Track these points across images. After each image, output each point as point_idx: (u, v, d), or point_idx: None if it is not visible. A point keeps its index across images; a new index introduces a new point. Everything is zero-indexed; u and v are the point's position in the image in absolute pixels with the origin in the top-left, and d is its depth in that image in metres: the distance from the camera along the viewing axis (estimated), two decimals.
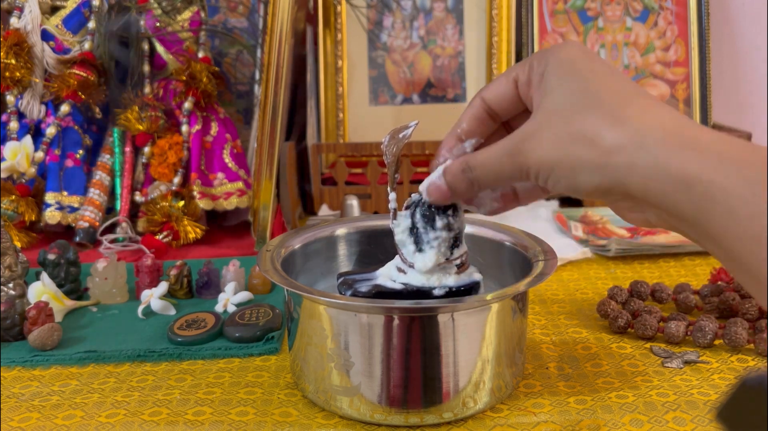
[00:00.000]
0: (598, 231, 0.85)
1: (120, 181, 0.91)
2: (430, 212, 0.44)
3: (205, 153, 0.91)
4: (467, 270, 0.47)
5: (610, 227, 0.86)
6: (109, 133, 0.93)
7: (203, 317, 0.61)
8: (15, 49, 0.87)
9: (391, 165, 0.47)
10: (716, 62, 1.12)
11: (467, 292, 0.46)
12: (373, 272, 0.48)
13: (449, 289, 0.45)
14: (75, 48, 0.91)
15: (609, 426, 0.45)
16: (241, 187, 0.90)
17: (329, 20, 1.06)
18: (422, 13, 1.07)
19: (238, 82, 1.03)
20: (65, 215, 0.87)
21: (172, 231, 0.85)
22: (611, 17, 1.06)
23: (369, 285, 0.46)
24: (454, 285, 0.45)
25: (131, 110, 0.89)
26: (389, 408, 0.45)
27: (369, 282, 0.46)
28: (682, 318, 0.58)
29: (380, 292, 0.46)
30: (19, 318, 0.59)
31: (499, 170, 0.40)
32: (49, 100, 0.91)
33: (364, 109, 1.07)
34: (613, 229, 0.86)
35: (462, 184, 0.42)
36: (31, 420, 0.48)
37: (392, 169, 0.47)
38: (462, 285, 0.45)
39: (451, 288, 0.45)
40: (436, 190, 0.43)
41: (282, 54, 0.79)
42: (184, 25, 0.93)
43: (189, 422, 0.47)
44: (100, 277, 0.67)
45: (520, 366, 0.49)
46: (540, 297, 0.68)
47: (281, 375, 0.53)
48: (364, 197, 0.96)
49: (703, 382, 0.50)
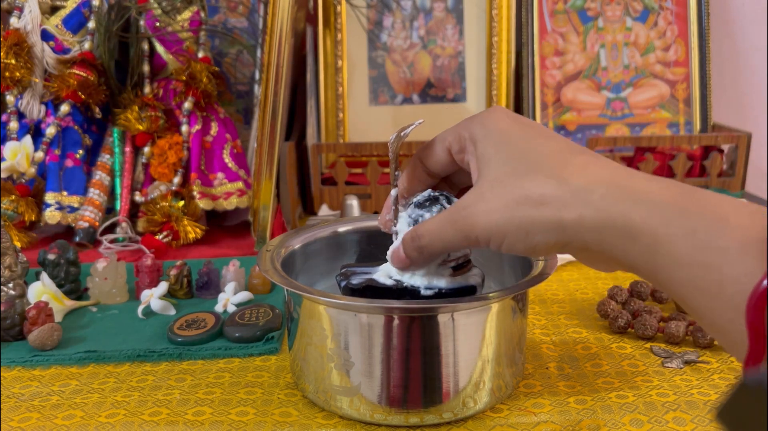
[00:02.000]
0: None
1: (120, 181, 0.91)
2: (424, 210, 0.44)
3: (205, 153, 0.91)
4: (468, 272, 0.46)
5: None
6: (109, 133, 0.93)
7: (203, 317, 0.61)
8: (15, 49, 0.87)
9: (392, 162, 0.47)
10: (716, 62, 1.12)
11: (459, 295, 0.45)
12: (376, 267, 0.47)
13: (439, 290, 0.45)
14: (75, 48, 0.91)
15: (609, 426, 0.45)
16: (241, 187, 0.90)
17: (329, 20, 1.06)
18: (422, 13, 1.07)
19: (238, 82, 1.03)
20: (65, 215, 0.87)
21: (172, 231, 0.85)
22: (611, 17, 1.06)
23: (362, 279, 0.46)
24: (445, 287, 0.45)
25: (131, 110, 0.89)
26: (389, 408, 0.45)
27: (364, 276, 0.46)
28: (682, 318, 0.58)
29: (370, 287, 0.46)
30: (19, 318, 0.59)
31: (445, 238, 0.41)
32: (49, 100, 0.91)
33: (364, 109, 1.07)
34: None
35: (413, 251, 0.43)
36: (31, 420, 0.48)
37: (393, 165, 0.47)
38: (454, 287, 0.45)
39: (441, 290, 0.45)
40: (396, 257, 0.44)
41: (282, 54, 0.79)
42: (184, 25, 0.93)
43: (189, 422, 0.47)
44: (100, 277, 0.67)
45: (520, 366, 0.49)
46: (540, 297, 0.68)
47: (281, 375, 0.53)
48: (364, 197, 0.96)
49: (703, 382, 0.50)
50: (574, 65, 1.06)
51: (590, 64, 1.06)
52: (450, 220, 0.40)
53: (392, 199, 0.47)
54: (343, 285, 0.47)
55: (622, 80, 1.06)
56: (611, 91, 1.06)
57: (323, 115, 1.06)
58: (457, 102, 1.07)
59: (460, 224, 0.39)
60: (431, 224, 0.42)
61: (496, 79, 1.06)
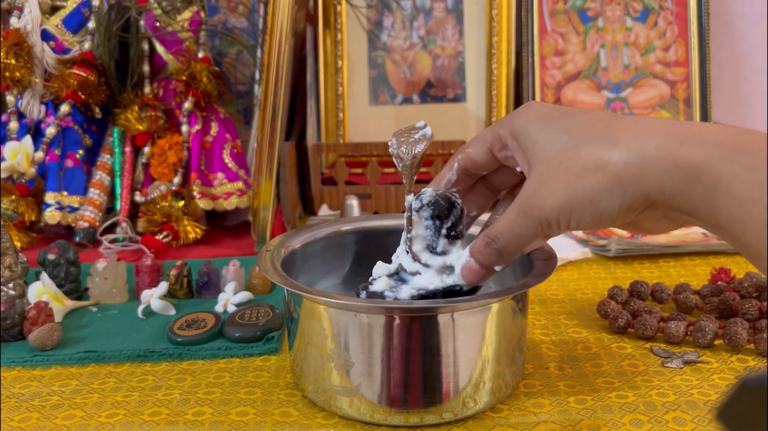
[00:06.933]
0: (598, 231, 0.85)
1: (120, 181, 0.91)
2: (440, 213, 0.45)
3: (205, 153, 0.91)
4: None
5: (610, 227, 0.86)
6: (109, 133, 0.93)
7: (203, 317, 0.61)
8: (15, 49, 0.87)
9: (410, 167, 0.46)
10: (716, 62, 1.12)
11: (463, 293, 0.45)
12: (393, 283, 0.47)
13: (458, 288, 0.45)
14: (75, 48, 0.91)
15: (609, 426, 0.45)
16: (241, 187, 0.90)
17: (329, 20, 1.06)
18: (422, 13, 1.07)
19: (238, 82, 1.03)
20: (65, 215, 0.87)
21: (172, 231, 0.85)
22: (611, 17, 1.06)
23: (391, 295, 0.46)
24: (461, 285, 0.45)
25: (131, 110, 0.89)
26: (389, 408, 0.45)
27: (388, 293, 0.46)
28: (682, 318, 0.58)
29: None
30: (19, 318, 0.59)
31: (520, 231, 0.41)
32: (49, 100, 0.91)
33: (364, 109, 1.07)
34: (613, 229, 0.86)
35: (491, 257, 0.43)
36: (31, 420, 0.48)
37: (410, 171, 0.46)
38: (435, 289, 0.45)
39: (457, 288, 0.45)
40: (469, 272, 0.44)
41: (282, 54, 0.79)
42: (184, 25, 0.93)
43: (189, 422, 0.47)
44: (100, 277, 0.67)
45: (520, 366, 0.49)
46: (540, 297, 0.68)
47: (281, 375, 0.53)
48: (364, 197, 0.96)
49: (703, 382, 0.50)
50: (574, 65, 1.06)
51: (590, 64, 1.06)
52: (520, 212, 0.40)
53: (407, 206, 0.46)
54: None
55: (622, 80, 1.06)
56: (611, 91, 1.06)
57: (323, 115, 1.06)
58: (457, 102, 1.07)
59: (530, 212, 0.39)
60: (501, 224, 0.41)
61: (496, 79, 1.06)
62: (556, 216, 0.38)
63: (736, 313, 0.60)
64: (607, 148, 0.37)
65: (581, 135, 0.38)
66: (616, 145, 0.37)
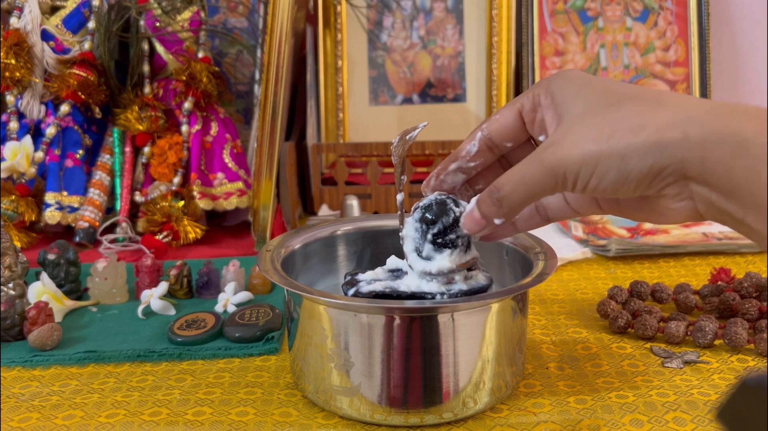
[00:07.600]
0: (598, 231, 0.85)
1: (120, 181, 0.91)
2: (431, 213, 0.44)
3: (205, 153, 0.91)
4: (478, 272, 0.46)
5: (610, 227, 0.86)
6: (108, 133, 0.93)
7: (203, 317, 0.61)
8: (15, 49, 0.87)
9: (397, 167, 0.46)
10: (716, 62, 1.12)
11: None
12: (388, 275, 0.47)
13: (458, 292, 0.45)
14: (75, 48, 0.91)
15: (609, 426, 0.45)
16: (241, 187, 0.90)
17: (329, 20, 1.06)
18: (422, 13, 1.07)
19: (238, 82, 1.03)
20: (65, 215, 0.87)
21: (172, 231, 0.85)
22: (611, 17, 1.06)
23: (376, 288, 0.46)
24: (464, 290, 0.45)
25: (131, 110, 0.89)
26: (389, 409, 0.45)
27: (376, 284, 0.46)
28: (682, 319, 0.58)
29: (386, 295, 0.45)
30: (19, 318, 0.59)
31: (529, 181, 0.38)
32: (49, 100, 0.91)
33: (364, 109, 1.07)
34: (613, 229, 0.86)
35: (491, 207, 0.40)
36: (31, 420, 0.48)
37: (398, 170, 0.46)
38: (469, 289, 0.45)
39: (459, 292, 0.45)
40: (469, 220, 0.42)
41: (282, 54, 0.79)
42: (184, 25, 0.93)
43: (189, 422, 0.47)
44: (100, 277, 0.67)
45: (520, 366, 0.49)
46: (540, 297, 0.68)
47: (281, 375, 0.53)
48: (364, 197, 0.96)
49: (703, 382, 0.50)
50: (574, 65, 1.06)
51: (590, 64, 1.06)
52: (535, 159, 0.37)
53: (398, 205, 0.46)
54: (350, 294, 0.46)
55: (622, 80, 1.06)
56: None
57: (323, 115, 1.06)
58: (457, 102, 1.07)
59: (548, 161, 0.37)
60: (511, 172, 0.38)
61: (496, 79, 1.06)
62: (577, 168, 0.36)
63: (736, 313, 0.60)
64: (652, 107, 0.35)
65: (623, 96, 0.36)
66: (661, 107, 0.35)
